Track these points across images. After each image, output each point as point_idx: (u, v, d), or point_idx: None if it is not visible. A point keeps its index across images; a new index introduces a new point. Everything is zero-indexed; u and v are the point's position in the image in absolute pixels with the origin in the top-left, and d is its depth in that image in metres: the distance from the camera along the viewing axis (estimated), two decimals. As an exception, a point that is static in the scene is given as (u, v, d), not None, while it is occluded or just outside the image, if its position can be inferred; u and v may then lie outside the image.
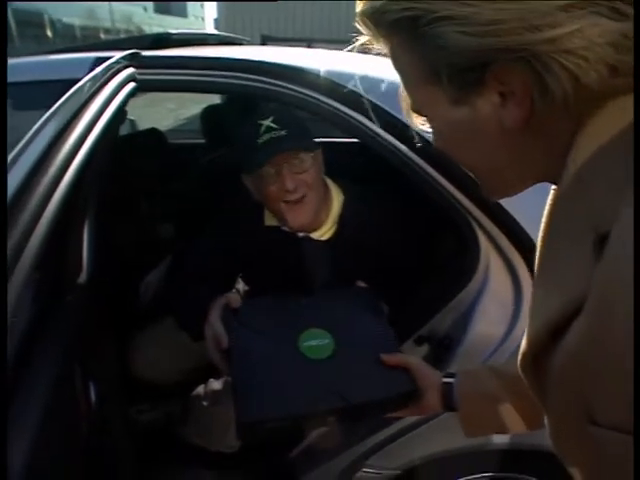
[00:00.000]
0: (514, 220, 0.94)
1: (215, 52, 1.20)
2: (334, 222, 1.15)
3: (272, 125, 1.02)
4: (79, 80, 1.06)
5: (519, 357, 0.40)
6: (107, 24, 47.12)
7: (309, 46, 8.14)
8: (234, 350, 0.89)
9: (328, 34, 8.61)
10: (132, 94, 0.99)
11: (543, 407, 0.39)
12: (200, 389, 1.34)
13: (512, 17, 0.33)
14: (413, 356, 0.85)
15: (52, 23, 43.64)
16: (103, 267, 1.14)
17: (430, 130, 0.47)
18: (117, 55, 1.11)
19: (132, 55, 1.06)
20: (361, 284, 1.06)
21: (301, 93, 1.02)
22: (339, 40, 8.87)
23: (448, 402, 0.74)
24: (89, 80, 0.84)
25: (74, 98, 0.78)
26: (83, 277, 1.03)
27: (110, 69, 0.92)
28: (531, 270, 0.98)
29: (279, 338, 0.89)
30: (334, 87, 1.01)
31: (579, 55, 0.33)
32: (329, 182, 1.17)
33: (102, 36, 48.80)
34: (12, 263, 0.54)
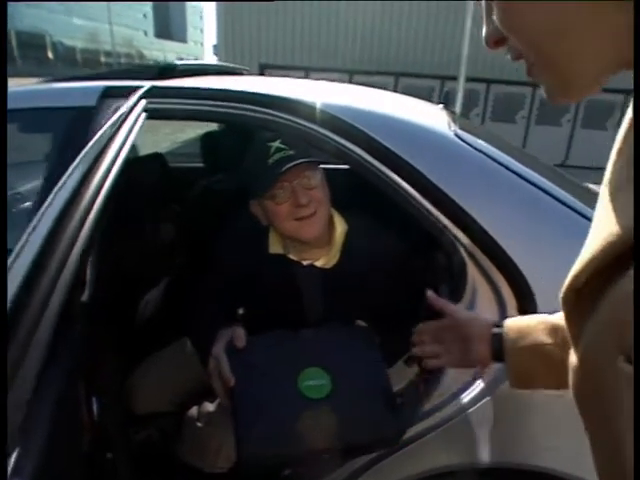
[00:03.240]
0: (500, 247, 0.99)
1: (218, 83, 1.27)
2: (338, 251, 1.20)
3: (281, 146, 1.09)
4: (90, 108, 1.13)
5: (567, 280, 0.38)
6: (108, 47, 47.82)
7: (307, 74, 8.35)
8: (238, 390, 0.93)
9: (324, 63, 8.81)
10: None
11: (573, 341, 0.39)
12: (194, 410, 1.36)
13: None
14: (460, 306, 0.86)
15: (54, 45, 44.26)
16: (106, 286, 1.18)
17: None
18: (124, 83, 1.17)
19: (148, 90, 1.12)
20: (361, 323, 1.10)
21: (298, 123, 1.08)
22: (335, 69, 9.06)
23: (497, 354, 0.73)
24: (115, 119, 0.90)
25: (102, 136, 0.84)
26: (86, 295, 1.07)
27: (129, 106, 0.98)
28: (516, 294, 1.03)
29: (280, 377, 0.95)
30: (329, 118, 1.07)
31: None
32: (332, 211, 1.22)
33: (103, 59, 49.50)
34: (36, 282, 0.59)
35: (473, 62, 7.20)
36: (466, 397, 1.02)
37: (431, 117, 1.24)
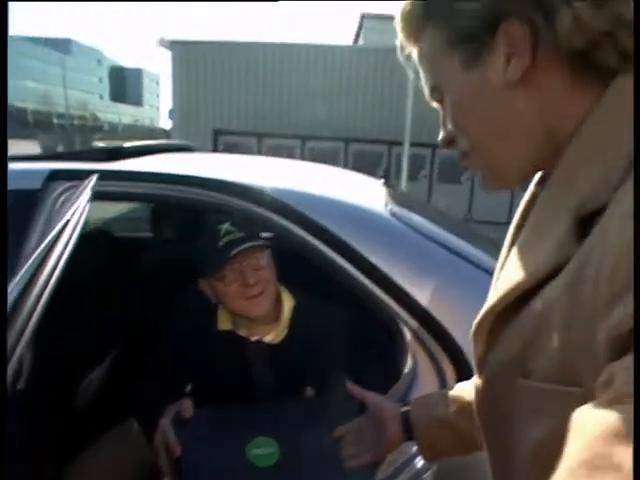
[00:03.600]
0: (437, 321, 1.04)
1: (165, 166, 1.30)
2: (285, 326, 1.23)
3: (230, 228, 1.14)
4: (34, 191, 1.13)
5: (476, 320, 0.48)
6: (61, 109, 47.74)
7: (260, 140, 8.60)
8: (184, 461, 0.92)
9: (278, 129, 9.12)
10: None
11: (478, 369, 0.49)
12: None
13: None
14: (373, 392, 0.88)
15: (4, 107, 43.68)
16: (43, 370, 1.14)
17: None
18: (71, 166, 1.19)
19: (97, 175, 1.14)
20: (309, 392, 1.11)
21: (244, 207, 1.13)
22: (288, 135, 9.35)
23: (408, 431, 0.76)
24: (60, 206, 0.91)
25: (51, 226, 0.85)
26: (22, 383, 1.03)
27: (77, 192, 1.00)
28: (456, 369, 1.07)
29: (228, 447, 0.94)
30: (272, 201, 1.12)
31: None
32: (280, 287, 1.26)
33: (55, 120, 49.22)
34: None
35: (418, 129, 7.64)
36: (419, 463, 1.03)
37: (370, 196, 1.31)
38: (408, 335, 1.08)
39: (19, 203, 1.12)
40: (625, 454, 0.22)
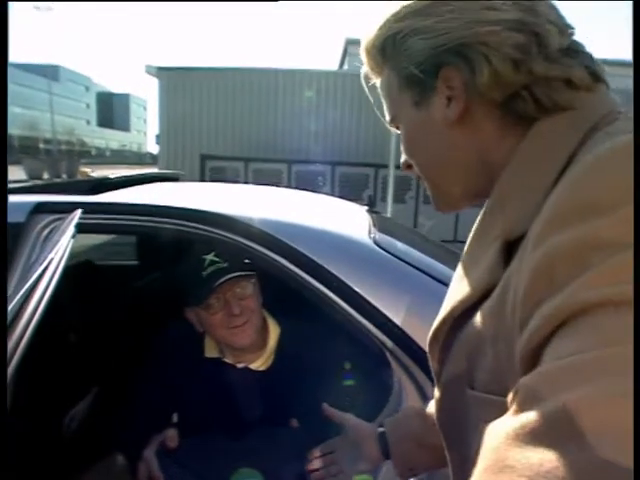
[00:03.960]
0: (422, 349, 1.05)
1: (150, 197, 1.31)
2: (272, 353, 1.23)
3: (214, 259, 1.15)
4: (19, 224, 1.13)
5: (430, 334, 0.51)
6: (48, 135, 47.66)
7: (247, 164, 8.64)
8: None
9: (264, 154, 9.18)
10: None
11: (437, 380, 0.51)
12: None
13: (454, 24, 0.46)
14: (349, 414, 0.89)
15: (-11, 134, 43.48)
16: (26, 402, 1.12)
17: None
18: (61, 199, 1.19)
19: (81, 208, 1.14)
20: (294, 423, 1.12)
21: (227, 237, 1.14)
22: (275, 159, 9.37)
23: (384, 450, 0.78)
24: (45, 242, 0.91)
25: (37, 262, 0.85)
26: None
27: (62, 227, 1.00)
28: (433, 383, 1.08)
29: (212, 478, 0.94)
30: (256, 232, 1.13)
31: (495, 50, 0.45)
32: (266, 314, 1.27)
33: (42, 146, 49.09)
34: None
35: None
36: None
37: (354, 223, 1.33)
38: (390, 358, 1.09)
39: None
40: (517, 456, 0.25)
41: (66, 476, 1.29)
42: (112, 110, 74.19)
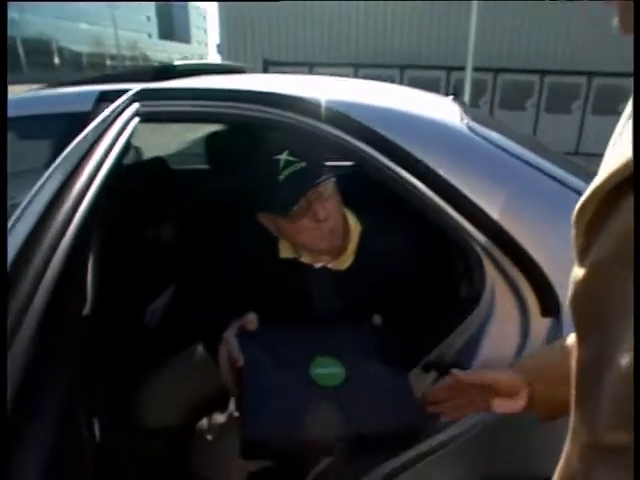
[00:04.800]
0: (519, 245, 0.94)
1: (217, 82, 1.22)
2: (352, 252, 1.15)
3: (290, 158, 0.99)
4: (85, 113, 1.09)
5: (577, 205, 0.42)
6: (113, 51, 48.11)
7: (311, 69, 8.29)
8: (247, 370, 0.90)
9: (329, 58, 8.76)
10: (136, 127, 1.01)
11: (580, 258, 0.43)
12: (204, 422, 1.32)
13: None
14: (483, 370, 0.85)
15: (60, 51, 44.58)
16: (107, 297, 1.14)
17: None
18: (121, 87, 1.13)
19: (138, 92, 1.08)
20: (377, 319, 1.06)
21: (303, 122, 1.03)
22: (340, 63, 9.02)
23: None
24: (99, 122, 0.87)
25: (85, 140, 0.81)
26: (87, 309, 1.03)
27: (116, 110, 0.95)
28: (536, 293, 0.97)
29: (291, 363, 0.92)
30: (335, 116, 1.02)
31: None
32: (346, 212, 1.16)
33: (108, 62, 49.82)
34: (31, 294, 0.55)
35: (479, 52, 7.09)
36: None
37: (442, 110, 1.18)
38: (483, 257, 0.98)
39: (69, 125, 1.09)
40: None
41: (149, 368, 1.35)
42: (172, 21, 73.08)
